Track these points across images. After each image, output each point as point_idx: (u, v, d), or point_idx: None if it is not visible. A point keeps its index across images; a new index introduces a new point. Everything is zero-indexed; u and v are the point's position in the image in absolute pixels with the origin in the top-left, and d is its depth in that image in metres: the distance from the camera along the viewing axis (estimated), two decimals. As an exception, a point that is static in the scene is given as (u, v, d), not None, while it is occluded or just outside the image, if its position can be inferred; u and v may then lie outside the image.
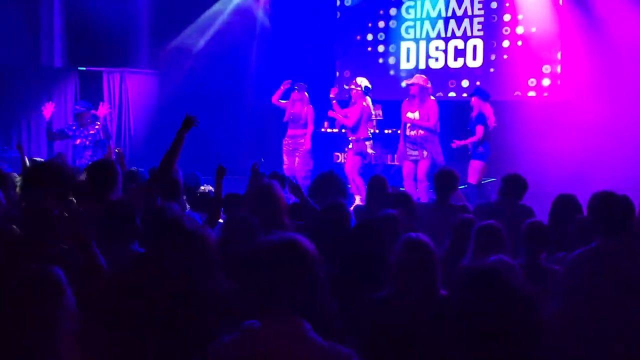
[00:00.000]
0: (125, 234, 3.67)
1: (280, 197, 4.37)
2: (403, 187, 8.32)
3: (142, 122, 11.94)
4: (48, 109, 8.28)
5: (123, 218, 3.68)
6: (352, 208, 5.92)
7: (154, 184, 4.60)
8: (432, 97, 8.63)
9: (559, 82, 10.36)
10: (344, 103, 9.18)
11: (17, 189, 5.07)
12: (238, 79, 11.96)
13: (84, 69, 11.35)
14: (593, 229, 3.95)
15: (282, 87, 9.29)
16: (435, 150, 8.47)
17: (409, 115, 8.58)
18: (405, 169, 8.65)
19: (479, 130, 8.23)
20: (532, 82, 10.49)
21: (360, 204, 8.00)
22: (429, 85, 8.56)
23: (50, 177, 4.49)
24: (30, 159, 6.55)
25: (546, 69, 10.41)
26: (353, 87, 8.93)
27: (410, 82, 8.75)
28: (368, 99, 8.94)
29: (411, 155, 8.59)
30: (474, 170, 8.30)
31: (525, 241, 3.92)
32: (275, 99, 9.34)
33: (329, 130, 10.46)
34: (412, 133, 8.51)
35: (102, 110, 8.81)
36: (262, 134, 11.02)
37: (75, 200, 4.54)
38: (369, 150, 8.89)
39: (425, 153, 8.42)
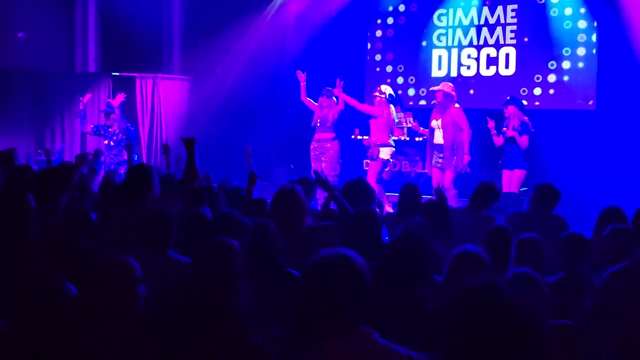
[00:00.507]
0: (162, 241, 3.67)
1: (300, 201, 4.35)
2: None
3: (174, 128, 12.04)
4: (85, 98, 8.90)
5: (160, 225, 3.69)
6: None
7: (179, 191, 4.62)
8: (456, 105, 8.62)
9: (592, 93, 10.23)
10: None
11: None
12: (269, 86, 12.01)
13: (117, 74, 11.49)
14: (631, 241, 3.97)
15: (301, 83, 9.29)
16: (459, 158, 8.46)
17: (433, 123, 8.61)
18: (434, 177, 8.63)
19: (525, 140, 8.21)
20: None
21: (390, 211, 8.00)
22: (454, 93, 8.56)
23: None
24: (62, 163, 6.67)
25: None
26: (377, 94, 8.94)
27: (436, 88, 8.76)
28: (392, 107, 8.96)
29: (437, 162, 8.59)
30: (518, 179, 8.27)
31: (564, 253, 3.87)
32: (303, 97, 9.33)
33: (359, 137, 10.44)
34: (439, 141, 8.53)
35: (117, 99, 8.98)
36: (293, 140, 11.04)
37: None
38: (385, 156, 8.87)
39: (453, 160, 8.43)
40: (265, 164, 11.50)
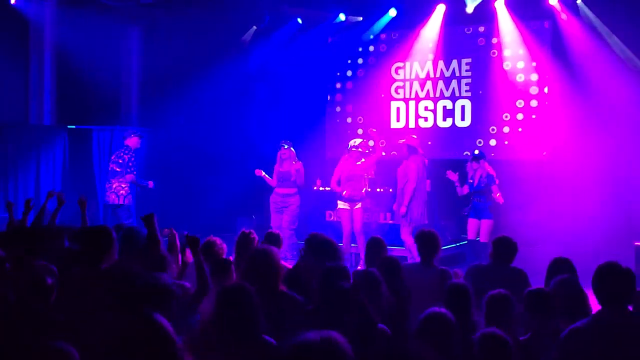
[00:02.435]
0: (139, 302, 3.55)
1: (276, 263, 4.21)
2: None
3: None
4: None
5: (117, 288, 3.58)
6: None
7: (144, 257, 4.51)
8: (419, 157, 8.78)
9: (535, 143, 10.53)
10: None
11: None
12: (229, 135, 12.01)
13: (74, 127, 11.32)
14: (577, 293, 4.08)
15: (263, 175, 9.35)
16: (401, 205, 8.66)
17: (399, 171, 8.78)
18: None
19: (495, 189, 8.38)
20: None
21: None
22: (416, 145, 8.74)
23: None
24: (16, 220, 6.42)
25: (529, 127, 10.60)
26: (357, 148, 9.04)
27: (402, 141, 8.93)
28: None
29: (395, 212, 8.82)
30: (487, 228, 8.40)
31: (529, 311, 3.89)
32: (273, 183, 9.37)
33: (321, 188, 10.47)
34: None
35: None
36: (255, 190, 10.99)
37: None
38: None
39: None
40: (226, 215, 11.45)
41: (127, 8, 11.13)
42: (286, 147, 9.29)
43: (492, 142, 10.81)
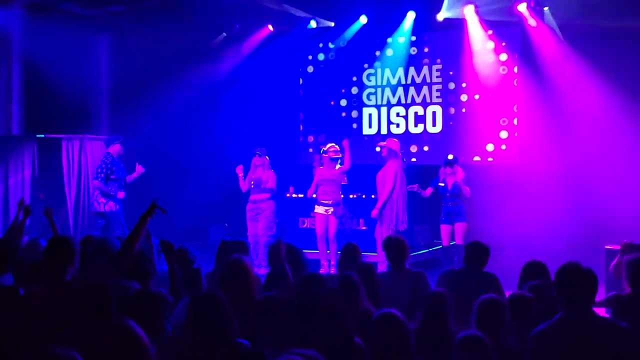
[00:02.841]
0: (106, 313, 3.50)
1: (250, 272, 4.21)
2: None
3: (102, 189, 11.74)
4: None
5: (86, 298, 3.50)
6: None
7: (116, 265, 4.42)
8: (398, 160, 8.76)
9: (514, 146, 10.65)
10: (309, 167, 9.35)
11: None
12: (201, 143, 11.95)
13: (43, 136, 11.15)
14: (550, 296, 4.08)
15: (239, 174, 9.36)
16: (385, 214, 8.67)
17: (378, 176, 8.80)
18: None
19: (468, 190, 8.45)
20: (488, 146, 10.76)
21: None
22: (398, 149, 8.73)
23: None
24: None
25: (503, 134, 10.70)
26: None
27: (382, 144, 8.98)
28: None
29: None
30: (461, 231, 8.45)
31: (513, 316, 3.91)
32: (243, 188, 9.38)
33: (294, 195, 10.46)
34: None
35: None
36: (227, 198, 10.94)
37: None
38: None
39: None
40: (198, 223, 11.37)
41: (96, 16, 11.02)
42: (260, 154, 9.30)
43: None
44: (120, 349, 3.08)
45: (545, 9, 10.15)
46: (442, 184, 8.59)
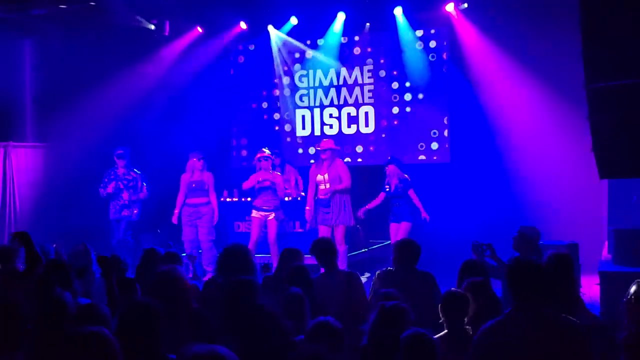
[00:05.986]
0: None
1: (182, 281, 4.13)
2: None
3: (28, 198, 11.35)
4: None
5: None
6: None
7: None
8: (340, 160, 9.02)
9: (446, 145, 10.86)
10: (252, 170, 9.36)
11: None
12: (131, 149, 11.66)
13: (-36, 144, 10.70)
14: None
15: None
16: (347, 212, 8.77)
17: (319, 177, 8.79)
18: (321, 233, 8.71)
19: (412, 193, 8.70)
20: (421, 146, 10.94)
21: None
22: (338, 147, 8.97)
23: None
24: None
25: (434, 133, 10.90)
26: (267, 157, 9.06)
27: (321, 147, 9.00)
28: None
29: (325, 218, 8.74)
30: (404, 230, 8.65)
31: (444, 312, 4.01)
32: (180, 198, 9.38)
33: (228, 199, 10.36)
34: (325, 196, 8.70)
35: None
36: (155, 205, 10.69)
37: None
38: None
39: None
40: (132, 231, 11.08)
41: (17, 20, 10.60)
42: (198, 159, 9.21)
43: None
44: None
45: (465, 5, 10.37)
46: (387, 187, 8.78)
